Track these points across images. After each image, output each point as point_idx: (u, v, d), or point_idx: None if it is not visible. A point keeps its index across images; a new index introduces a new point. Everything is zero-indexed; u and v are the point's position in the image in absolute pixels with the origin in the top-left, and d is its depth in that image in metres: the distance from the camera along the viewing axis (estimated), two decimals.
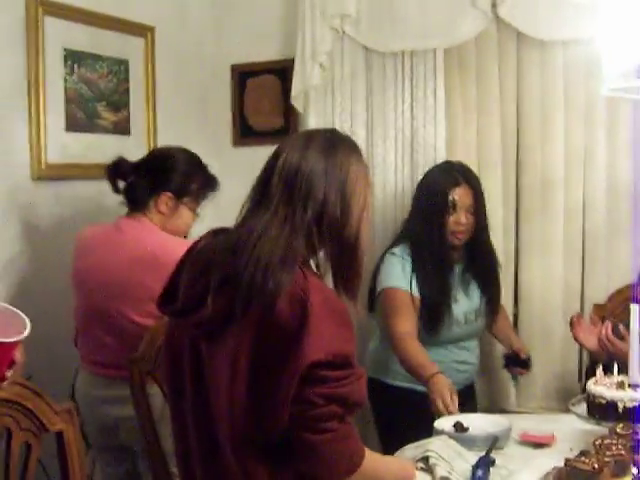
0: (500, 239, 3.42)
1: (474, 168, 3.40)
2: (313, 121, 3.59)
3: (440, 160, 3.37)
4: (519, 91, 3.45)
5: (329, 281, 1.83)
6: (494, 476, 2.13)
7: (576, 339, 2.88)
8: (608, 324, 2.76)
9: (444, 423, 2.46)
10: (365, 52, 3.57)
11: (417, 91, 3.49)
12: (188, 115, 3.78)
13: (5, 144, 2.97)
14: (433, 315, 2.95)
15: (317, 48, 3.53)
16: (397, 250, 3.03)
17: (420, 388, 2.73)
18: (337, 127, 3.54)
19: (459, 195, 2.96)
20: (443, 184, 2.98)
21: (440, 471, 2.16)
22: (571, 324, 2.89)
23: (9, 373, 1.68)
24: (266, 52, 3.87)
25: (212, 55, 3.93)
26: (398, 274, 2.97)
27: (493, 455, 2.23)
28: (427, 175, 3.13)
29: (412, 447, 2.32)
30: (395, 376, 3.01)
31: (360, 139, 3.53)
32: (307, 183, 1.73)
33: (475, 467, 2.14)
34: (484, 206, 3.05)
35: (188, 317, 1.72)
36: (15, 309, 1.68)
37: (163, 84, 3.65)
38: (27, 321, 1.63)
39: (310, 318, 1.62)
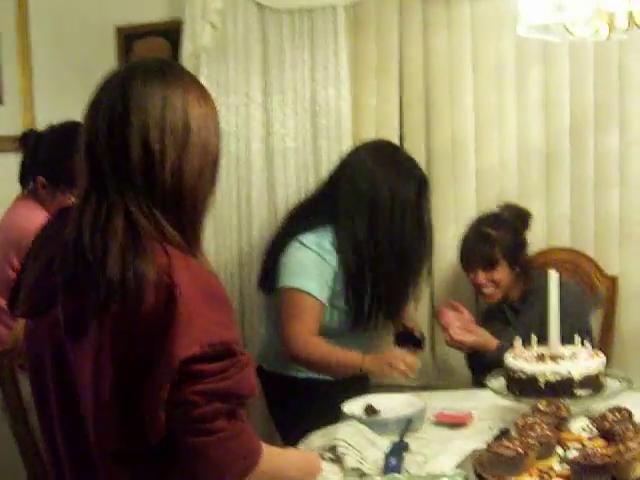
0: None
1: (374, 132, 3.28)
2: (205, 84, 3.29)
3: (344, 124, 3.20)
4: (425, 51, 3.26)
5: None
6: (409, 464, 1.96)
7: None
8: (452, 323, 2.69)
9: (353, 406, 2.27)
10: (260, 10, 3.32)
11: (317, 52, 3.27)
12: (70, 82, 3.49)
13: None
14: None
15: (207, 6, 3.28)
16: (312, 240, 2.69)
17: (324, 377, 2.53)
18: (232, 91, 3.33)
19: None
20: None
21: (350, 461, 1.97)
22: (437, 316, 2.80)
23: None
24: (153, 12, 3.60)
25: (94, 16, 3.63)
26: (309, 273, 2.66)
27: (407, 440, 2.06)
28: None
29: (319, 435, 2.13)
30: (296, 367, 2.75)
31: (256, 103, 3.32)
32: (125, 138, 1.44)
33: (388, 455, 1.96)
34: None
35: (41, 318, 1.48)
36: None
37: (39, 49, 3.37)
38: None
39: (178, 306, 1.35)
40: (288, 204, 3.27)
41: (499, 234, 2.82)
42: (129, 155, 1.43)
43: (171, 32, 3.53)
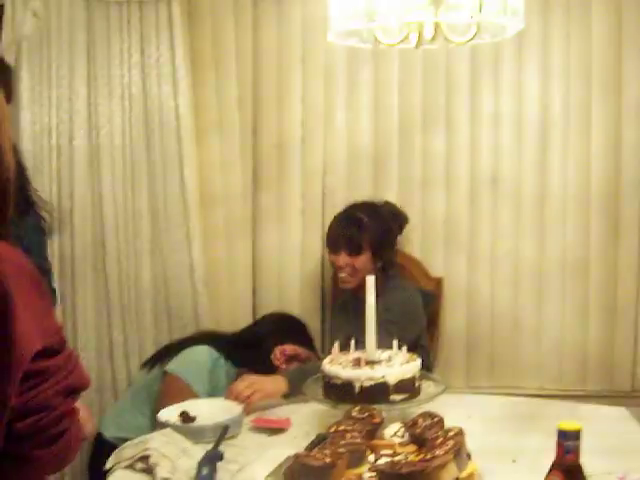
0: (239, 206, 3.25)
1: (210, 132, 3.22)
2: (26, 75, 3.14)
3: (184, 121, 3.14)
4: (255, 47, 3.22)
5: None
6: (222, 473, 1.90)
7: None
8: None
9: (168, 414, 2.20)
10: (86, 0, 3.18)
11: (148, 46, 3.15)
12: None
13: None
14: None
15: None
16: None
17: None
18: (54, 84, 3.16)
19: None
20: None
21: (160, 472, 1.91)
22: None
23: None
24: None
25: None
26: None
27: (222, 447, 2.00)
28: None
29: (131, 445, 2.05)
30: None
31: (81, 97, 3.17)
32: None
33: (200, 464, 1.89)
34: None
35: None
36: None
37: None
38: None
39: (14, 299, 1.18)
40: (115, 204, 3.17)
41: (370, 222, 2.79)
42: None
43: None
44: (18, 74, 3.18)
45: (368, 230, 2.77)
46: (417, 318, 2.79)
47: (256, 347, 2.82)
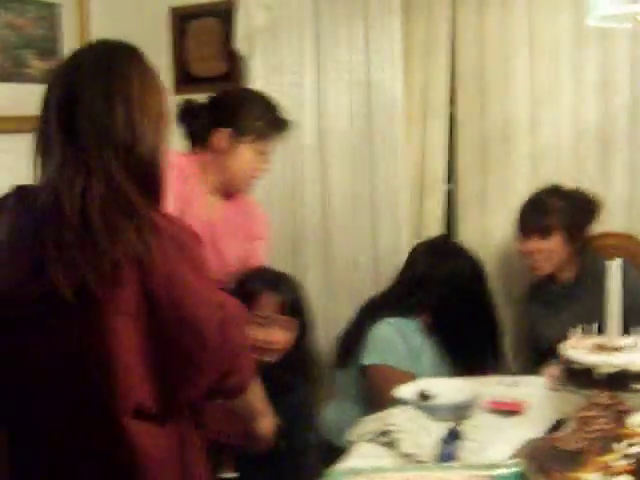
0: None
1: (422, 111, 3.28)
2: (259, 65, 3.34)
3: (397, 105, 3.19)
4: (480, 30, 3.22)
5: None
6: (464, 451, 1.95)
7: None
8: None
9: (406, 391, 2.28)
10: None
11: (372, 32, 3.24)
12: None
13: None
14: None
15: None
16: (396, 321, 2.81)
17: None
18: (285, 72, 3.33)
19: None
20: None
21: (405, 446, 1.98)
22: None
23: None
24: None
25: None
26: (396, 349, 2.76)
27: (462, 426, 2.06)
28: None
29: (372, 419, 2.15)
30: None
31: (309, 83, 3.32)
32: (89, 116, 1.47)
33: (443, 441, 1.96)
34: None
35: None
36: None
37: (97, 29, 3.36)
38: None
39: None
40: (341, 185, 3.29)
41: (559, 204, 2.80)
42: (114, 126, 1.47)
43: (224, 13, 3.52)
44: (251, 64, 3.37)
45: (557, 211, 2.78)
46: None
47: (421, 287, 2.83)
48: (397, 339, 2.75)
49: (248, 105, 2.57)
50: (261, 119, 2.56)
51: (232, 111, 2.54)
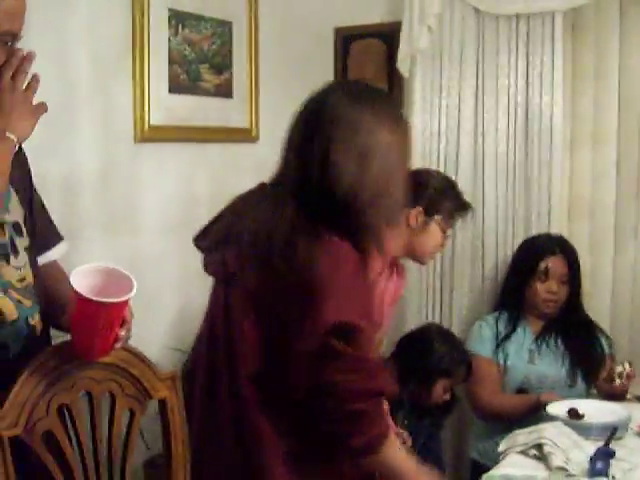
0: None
1: (587, 140, 3.28)
2: (419, 86, 3.44)
3: (557, 130, 3.24)
4: None
5: None
6: (615, 469, 2.00)
7: None
8: None
9: (557, 408, 2.34)
10: (477, 15, 3.39)
11: (533, 57, 3.30)
12: (290, 79, 3.66)
13: (109, 105, 2.92)
14: None
15: (426, 10, 3.35)
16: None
17: None
18: (444, 93, 3.43)
19: (553, 263, 3.00)
20: (538, 251, 3.05)
21: (556, 460, 2.05)
22: None
23: (122, 332, 1.64)
24: (372, 15, 3.72)
25: (316, 17, 3.79)
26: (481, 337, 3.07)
27: (612, 446, 2.10)
28: (522, 243, 3.21)
29: (525, 432, 2.22)
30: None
31: (468, 105, 3.41)
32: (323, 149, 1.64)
33: (594, 458, 2.02)
34: (579, 276, 3.07)
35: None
36: (122, 270, 1.63)
37: (266, 47, 3.54)
38: (134, 281, 1.59)
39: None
40: (497, 207, 3.35)
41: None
42: (311, 163, 1.64)
43: (387, 34, 3.65)
44: (411, 84, 3.49)
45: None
46: None
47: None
48: (488, 331, 3.07)
49: (437, 185, 2.69)
50: (449, 200, 2.67)
51: (422, 190, 2.61)
